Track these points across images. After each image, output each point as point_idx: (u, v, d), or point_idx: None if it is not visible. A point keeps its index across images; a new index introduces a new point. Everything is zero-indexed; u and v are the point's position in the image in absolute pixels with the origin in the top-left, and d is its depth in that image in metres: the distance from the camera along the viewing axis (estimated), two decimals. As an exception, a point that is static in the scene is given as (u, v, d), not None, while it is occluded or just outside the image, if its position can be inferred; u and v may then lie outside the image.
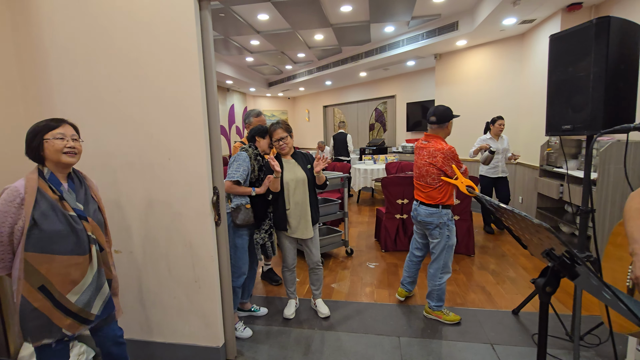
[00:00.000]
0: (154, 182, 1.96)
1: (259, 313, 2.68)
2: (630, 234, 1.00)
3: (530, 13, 4.18)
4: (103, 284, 1.50)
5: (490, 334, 2.34)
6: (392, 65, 7.28)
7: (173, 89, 1.86)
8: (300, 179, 2.42)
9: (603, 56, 1.82)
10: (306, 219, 2.44)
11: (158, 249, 2.03)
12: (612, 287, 0.72)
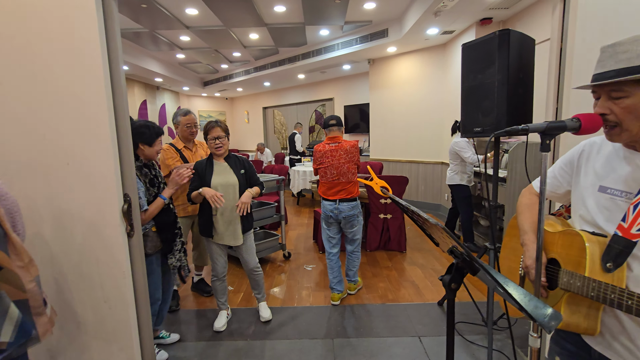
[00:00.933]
0: (50, 190, 1.70)
1: (168, 340, 2.34)
2: (521, 227, 1.10)
3: (449, 25, 4.53)
4: (7, 308, 1.24)
5: (417, 327, 2.45)
6: (329, 68, 7.40)
7: (69, 83, 1.62)
8: (230, 184, 2.30)
9: (505, 65, 2.00)
10: (235, 226, 2.33)
11: (58, 267, 1.76)
12: (498, 277, 0.76)
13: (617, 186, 0.92)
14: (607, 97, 0.89)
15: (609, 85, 0.87)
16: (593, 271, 0.87)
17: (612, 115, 0.88)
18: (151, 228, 2.06)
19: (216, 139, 2.27)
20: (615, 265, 0.86)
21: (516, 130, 0.98)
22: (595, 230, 0.94)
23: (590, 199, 0.97)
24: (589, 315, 0.91)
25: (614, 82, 0.86)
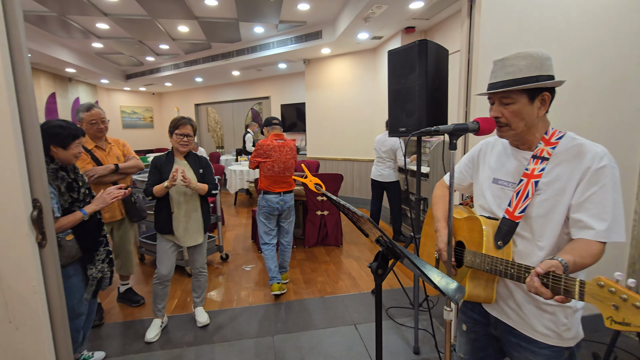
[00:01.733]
0: None
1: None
2: (435, 215, 1.26)
3: (378, 31, 4.82)
4: None
5: (354, 315, 2.59)
6: (265, 66, 7.34)
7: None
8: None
9: (424, 72, 2.22)
10: (197, 225, 2.35)
11: (-57, 288, 1.50)
12: (416, 261, 0.87)
13: (506, 178, 1.10)
14: (499, 103, 1.06)
15: (500, 93, 1.04)
16: (488, 249, 1.04)
17: (503, 118, 1.05)
18: (65, 237, 1.85)
19: (185, 135, 2.26)
20: (504, 242, 1.03)
21: (429, 131, 1.12)
22: (490, 215, 1.12)
23: (487, 189, 1.15)
24: (487, 287, 1.08)
25: (504, 91, 1.03)
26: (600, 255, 0.92)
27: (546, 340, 1.03)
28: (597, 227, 0.92)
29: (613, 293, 0.73)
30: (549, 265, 0.84)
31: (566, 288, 0.81)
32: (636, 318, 0.69)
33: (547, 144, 1.03)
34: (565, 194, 0.97)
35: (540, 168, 1.01)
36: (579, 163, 0.96)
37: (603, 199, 0.93)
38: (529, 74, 0.99)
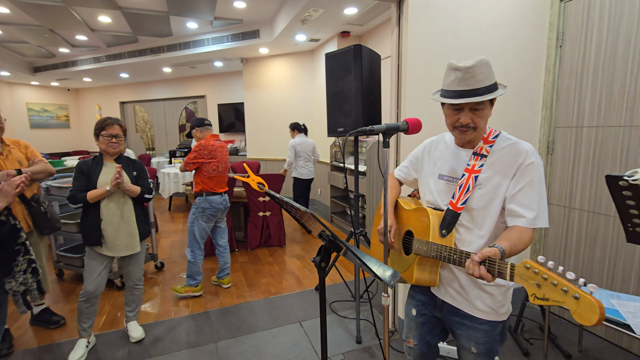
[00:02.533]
0: None
1: None
2: (384, 204, 1.34)
3: (315, 33, 4.92)
4: None
5: (298, 313, 2.62)
6: (199, 63, 7.01)
7: None
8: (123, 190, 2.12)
9: (359, 75, 2.33)
10: (132, 232, 2.15)
11: None
12: (355, 251, 0.93)
13: (450, 174, 1.20)
14: (470, 110, 1.09)
15: (474, 102, 1.06)
16: (434, 237, 1.14)
17: (472, 123, 1.09)
18: None
19: (113, 136, 2.09)
20: (448, 231, 1.14)
21: (364, 130, 1.19)
22: (436, 207, 1.22)
23: (433, 184, 1.25)
24: (432, 272, 1.19)
25: (480, 100, 1.04)
26: (530, 240, 1.05)
27: (485, 317, 1.15)
28: (527, 215, 1.04)
29: (536, 274, 0.85)
30: (486, 253, 0.94)
31: (500, 271, 0.93)
32: (553, 294, 0.81)
33: (486, 142, 1.14)
34: (501, 187, 1.09)
35: (479, 164, 1.12)
36: (513, 160, 1.08)
37: (531, 191, 1.05)
38: (492, 81, 1.06)
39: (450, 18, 2.16)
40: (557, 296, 0.79)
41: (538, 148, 2.56)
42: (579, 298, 0.74)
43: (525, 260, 0.86)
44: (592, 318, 0.72)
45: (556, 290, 0.79)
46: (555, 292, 0.79)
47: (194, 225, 2.85)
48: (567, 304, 0.77)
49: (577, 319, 0.75)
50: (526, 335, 2.28)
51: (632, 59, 2.01)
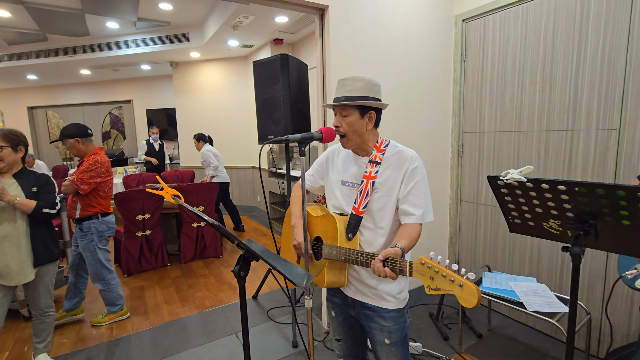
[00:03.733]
0: None
1: None
2: (293, 213, 1.40)
3: (248, 40, 4.90)
4: None
5: (235, 324, 2.57)
6: (123, 66, 6.52)
7: None
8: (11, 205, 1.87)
9: (287, 84, 2.39)
10: (20, 258, 1.89)
11: None
12: (269, 259, 0.97)
13: (351, 180, 1.31)
14: (340, 115, 1.25)
15: (339, 106, 1.24)
16: (341, 241, 1.22)
17: (342, 128, 1.25)
18: None
19: None
20: (353, 234, 1.22)
21: (279, 140, 1.24)
22: (341, 212, 1.30)
23: (337, 190, 1.34)
24: (341, 273, 1.27)
25: (342, 105, 1.22)
26: (420, 234, 1.19)
27: (391, 306, 1.26)
28: (416, 213, 1.19)
29: (430, 268, 0.96)
30: (388, 253, 1.04)
31: (401, 268, 1.03)
32: (444, 284, 0.93)
33: (379, 150, 1.27)
34: (394, 190, 1.22)
35: (375, 171, 1.25)
36: (401, 165, 1.23)
37: (418, 191, 1.21)
38: (361, 94, 1.21)
39: (368, 32, 2.32)
40: (446, 286, 0.90)
41: (451, 151, 2.85)
42: (463, 285, 0.86)
43: (420, 257, 0.97)
44: (473, 301, 0.84)
45: (445, 280, 0.90)
46: (445, 283, 0.90)
47: (96, 253, 2.49)
48: (454, 291, 0.88)
49: (462, 303, 0.87)
50: (446, 321, 2.51)
51: (517, 74, 2.35)
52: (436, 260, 0.95)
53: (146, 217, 3.53)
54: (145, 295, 3.12)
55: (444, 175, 2.86)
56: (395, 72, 2.47)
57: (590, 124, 2.03)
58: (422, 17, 2.55)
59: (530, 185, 1.12)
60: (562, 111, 2.15)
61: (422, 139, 2.68)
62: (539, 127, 2.27)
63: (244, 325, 1.18)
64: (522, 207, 1.22)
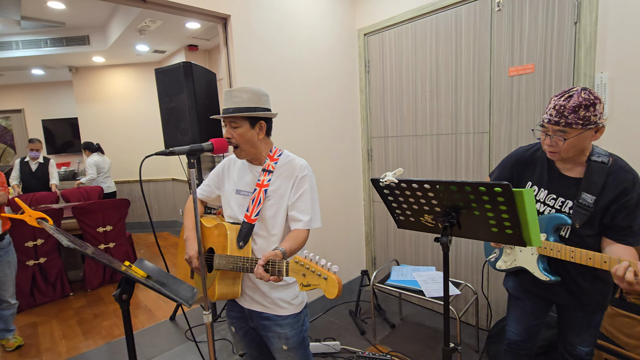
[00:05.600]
0: None
1: None
2: (186, 225, 1.37)
3: (159, 45, 4.63)
4: None
5: (147, 350, 2.38)
6: (9, 71, 5.65)
7: None
8: None
9: (192, 93, 2.31)
10: None
11: None
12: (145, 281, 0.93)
13: (245, 188, 1.32)
14: (230, 126, 1.26)
15: (229, 117, 1.24)
16: (232, 250, 1.21)
17: (233, 139, 1.25)
18: None
19: None
20: (244, 242, 1.23)
21: (165, 152, 1.20)
22: (235, 221, 1.30)
23: (232, 200, 1.34)
24: (234, 284, 1.26)
25: (231, 116, 1.23)
26: (306, 239, 1.24)
27: (286, 312, 1.29)
28: (303, 219, 1.25)
29: (302, 266, 1.01)
30: (268, 256, 1.07)
31: (279, 269, 1.06)
32: (313, 280, 0.98)
33: (272, 159, 1.31)
34: (285, 197, 1.27)
35: (268, 179, 1.28)
36: (291, 174, 1.28)
37: (306, 198, 1.27)
38: (249, 105, 1.23)
39: (274, 43, 2.37)
40: (315, 280, 0.96)
41: (361, 155, 3.04)
42: (327, 279, 0.93)
43: (295, 256, 1.02)
44: (334, 292, 0.91)
45: (314, 276, 0.96)
46: (314, 278, 0.96)
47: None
48: (320, 285, 0.94)
49: (327, 295, 0.93)
50: (363, 316, 2.65)
51: (411, 84, 2.61)
52: (309, 258, 1.00)
53: (38, 243, 3.09)
54: (39, 332, 2.72)
55: (357, 178, 3.03)
56: (303, 82, 2.55)
57: (468, 128, 2.34)
58: (327, 30, 2.69)
59: (404, 186, 1.25)
60: (447, 117, 2.44)
61: (334, 145, 2.81)
62: (431, 131, 2.55)
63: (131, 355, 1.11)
64: (402, 205, 1.36)
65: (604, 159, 1.19)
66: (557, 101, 1.15)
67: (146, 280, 1.02)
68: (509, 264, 1.45)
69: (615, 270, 1.05)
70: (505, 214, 1.06)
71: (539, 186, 1.34)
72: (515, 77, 2.10)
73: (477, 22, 2.21)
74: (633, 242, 1.16)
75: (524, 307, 1.47)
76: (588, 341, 1.37)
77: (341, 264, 2.91)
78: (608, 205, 1.18)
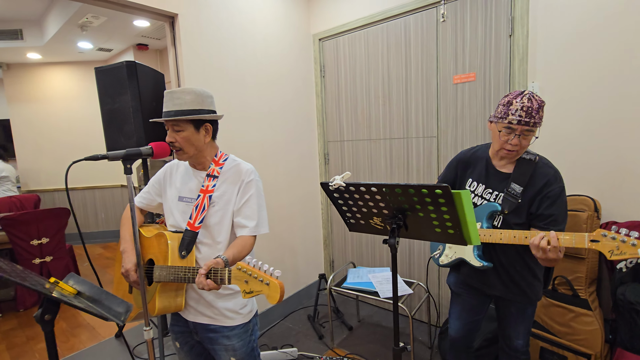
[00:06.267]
0: None
1: None
2: (123, 236, 1.28)
3: (104, 43, 4.34)
4: None
5: (88, 373, 2.19)
6: None
7: None
8: None
9: (137, 94, 2.17)
10: None
11: None
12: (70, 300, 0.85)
13: (188, 195, 1.26)
14: (172, 130, 1.19)
15: (171, 121, 1.18)
16: (174, 260, 1.15)
17: (177, 143, 1.19)
18: None
19: None
20: (187, 251, 1.17)
21: (96, 157, 1.11)
22: (177, 230, 1.23)
23: (174, 207, 1.27)
24: (177, 296, 1.19)
25: (174, 120, 1.17)
26: (252, 245, 1.21)
27: (233, 323, 1.24)
28: (249, 225, 1.21)
29: (244, 272, 0.97)
30: (210, 264, 1.02)
31: (221, 277, 1.02)
32: (256, 286, 0.95)
33: (217, 164, 1.26)
34: (230, 203, 1.22)
35: (212, 184, 1.23)
36: (237, 179, 1.24)
37: (252, 204, 1.23)
38: (192, 107, 1.17)
39: (226, 44, 2.31)
40: (257, 287, 0.93)
41: (318, 159, 3.05)
42: (269, 284, 0.90)
43: (238, 263, 0.98)
44: (276, 297, 0.89)
45: (256, 282, 0.93)
46: (257, 284, 0.93)
47: None
48: (263, 291, 0.92)
49: (269, 301, 0.91)
50: (322, 320, 2.65)
51: (365, 89, 2.67)
52: (251, 264, 0.97)
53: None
54: (-42, 362, 2.40)
55: (314, 182, 3.03)
56: (258, 85, 2.51)
57: (418, 133, 2.44)
58: (281, 33, 2.67)
59: (352, 189, 1.26)
60: (400, 122, 2.52)
61: (291, 149, 2.79)
62: (384, 135, 2.62)
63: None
64: (352, 208, 1.37)
65: (532, 157, 1.33)
66: (522, 103, 1.24)
67: (72, 298, 0.93)
68: (451, 258, 1.52)
69: (532, 240, 1.16)
70: (446, 214, 1.11)
71: (478, 182, 1.43)
72: (459, 84, 2.22)
73: (424, 31, 2.31)
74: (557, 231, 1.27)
75: (463, 304, 1.54)
76: (523, 334, 1.46)
77: (299, 268, 2.89)
78: (534, 196, 1.30)
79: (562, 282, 1.81)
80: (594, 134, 1.79)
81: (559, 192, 1.28)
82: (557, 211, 1.27)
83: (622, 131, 1.72)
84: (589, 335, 1.71)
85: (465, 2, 2.13)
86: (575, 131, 1.84)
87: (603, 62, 1.73)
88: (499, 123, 1.29)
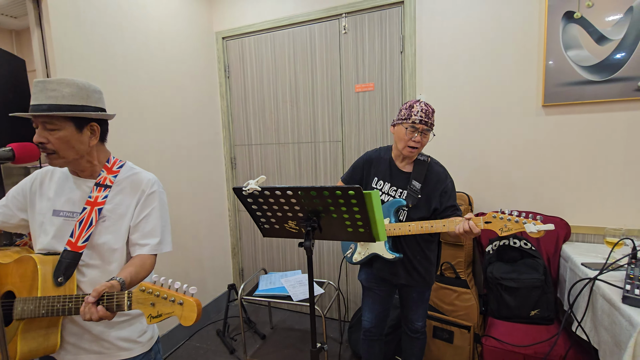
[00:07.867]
0: None
1: None
2: None
3: None
4: None
5: None
6: None
7: None
8: None
9: (-16, 82, 1.72)
10: None
11: None
12: None
13: (69, 208, 1.03)
14: (43, 128, 0.96)
15: (42, 117, 0.95)
16: (45, 289, 0.93)
17: (50, 144, 0.96)
18: None
19: None
20: (66, 277, 0.96)
21: None
22: (51, 252, 1.00)
23: (48, 224, 1.03)
24: (48, 334, 0.96)
25: (47, 115, 0.94)
26: (153, 266, 1.05)
27: (131, 354, 1.06)
28: (151, 242, 1.05)
29: (150, 294, 0.84)
30: (101, 289, 0.85)
31: (118, 303, 0.86)
32: (165, 307, 0.83)
33: (110, 172, 1.06)
34: (125, 217, 1.05)
35: (103, 195, 1.03)
36: (136, 190, 1.07)
37: (154, 218, 1.07)
38: (73, 103, 0.96)
39: (111, 33, 2.00)
40: (167, 309, 0.82)
41: (224, 164, 2.90)
42: (183, 303, 0.81)
43: (141, 284, 0.86)
44: (192, 317, 0.80)
45: (167, 303, 0.83)
46: (167, 305, 0.83)
47: None
48: (175, 312, 0.82)
49: (183, 322, 0.81)
50: (232, 333, 2.51)
51: (273, 92, 2.65)
52: (159, 283, 0.86)
53: None
54: None
55: (220, 188, 2.87)
56: (152, 82, 2.25)
57: (325, 137, 2.53)
58: (179, 27, 2.46)
59: (267, 193, 1.23)
60: (307, 126, 2.58)
61: (194, 153, 2.58)
62: (292, 139, 2.64)
63: None
64: (267, 212, 1.33)
65: (425, 159, 1.56)
66: (421, 106, 1.44)
67: None
68: (364, 254, 1.61)
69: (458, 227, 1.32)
70: (358, 214, 1.17)
71: (384, 180, 1.57)
72: (360, 93, 2.39)
73: (328, 40, 2.43)
74: (460, 215, 1.48)
75: (374, 296, 1.67)
76: (422, 316, 1.66)
77: (206, 281, 2.69)
78: (430, 192, 1.50)
79: (448, 268, 2.10)
80: (464, 137, 2.15)
81: (452, 186, 1.52)
82: (454, 201, 1.51)
83: (484, 134, 2.10)
84: (468, 310, 2.02)
85: (364, 17, 2.31)
86: (451, 136, 2.18)
87: (471, 78, 2.09)
88: (404, 123, 1.45)
